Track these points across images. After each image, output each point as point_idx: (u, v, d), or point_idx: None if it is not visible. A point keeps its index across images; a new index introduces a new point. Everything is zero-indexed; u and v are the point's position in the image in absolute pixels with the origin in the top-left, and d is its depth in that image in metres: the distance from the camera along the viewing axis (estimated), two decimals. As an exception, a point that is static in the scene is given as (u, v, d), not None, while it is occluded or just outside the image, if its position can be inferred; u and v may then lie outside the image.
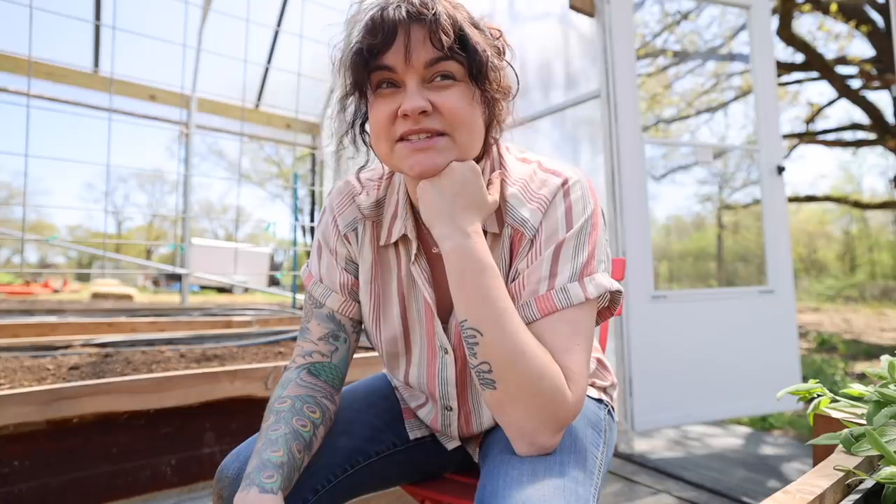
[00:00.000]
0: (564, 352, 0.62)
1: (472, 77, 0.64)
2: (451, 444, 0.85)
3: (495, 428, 0.79)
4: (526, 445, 0.62)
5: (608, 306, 0.72)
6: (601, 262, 0.68)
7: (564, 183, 0.68)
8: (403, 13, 0.60)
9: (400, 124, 0.63)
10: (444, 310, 0.75)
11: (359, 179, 0.80)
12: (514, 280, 0.68)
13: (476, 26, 0.66)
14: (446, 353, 0.75)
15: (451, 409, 0.79)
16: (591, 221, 0.67)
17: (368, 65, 0.63)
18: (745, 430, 2.68)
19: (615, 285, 0.67)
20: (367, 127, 0.71)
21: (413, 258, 0.73)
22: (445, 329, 0.74)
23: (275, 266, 19.16)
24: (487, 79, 0.64)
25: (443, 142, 0.63)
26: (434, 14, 0.60)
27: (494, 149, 0.74)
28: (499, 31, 0.71)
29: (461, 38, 0.62)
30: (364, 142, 0.74)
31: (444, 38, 0.60)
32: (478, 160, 0.71)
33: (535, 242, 0.67)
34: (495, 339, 0.60)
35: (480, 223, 0.65)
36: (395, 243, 0.76)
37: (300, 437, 0.66)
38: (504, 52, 0.70)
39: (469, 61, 0.63)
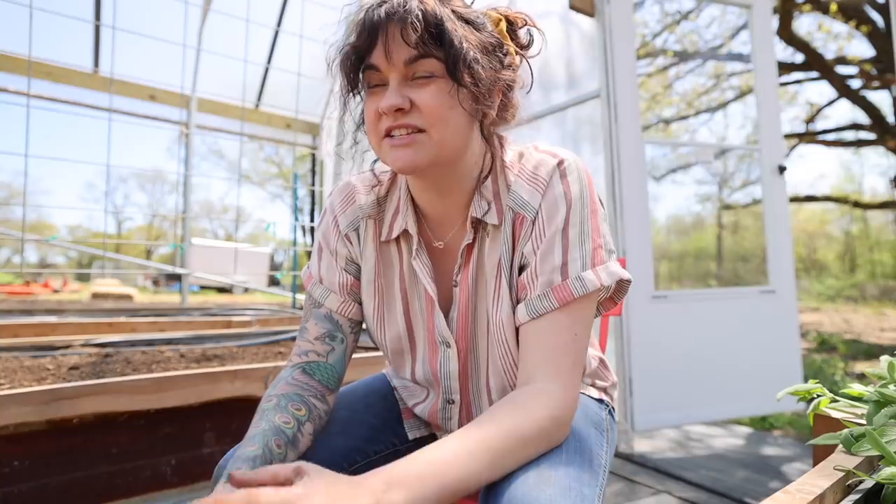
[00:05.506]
0: (570, 343, 0.64)
1: (449, 72, 0.64)
2: None
3: None
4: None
5: (611, 297, 0.73)
6: (611, 253, 0.69)
7: (560, 163, 0.69)
8: (382, 13, 0.62)
9: (384, 120, 0.65)
10: (446, 303, 0.75)
11: (374, 173, 0.81)
12: (522, 269, 0.69)
13: (465, 19, 0.66)
14: (448, 346, 0.75)
15: (453, 401, 0.79)
16: (590, 200, 0.68)
17: (359, 65, 0.66)
18: (746, 430, 2.68)
19: (626, 274, 0.69)
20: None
21: (414, 253, 0.74)
22: (448, 323, 0.75)
23: (275, 266, 19.19)
24: (466, 73, 0.64)
25: (420, 138, 0.64)
26: (405, 10, 0.61)
27: (495, 140, 0.74)
28: (524, 19, 0.71)
29: (439, 34, 0.62)
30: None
31: (413, 34, 0.61)
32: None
33: (536, 223, 0.68)
34: (493, 474, 0.57)
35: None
36: (397, 239, 0.77)
37: (281, 433, 0.65)
38: (499, 45, 0.69)
39: (445, 56, 0.63)
